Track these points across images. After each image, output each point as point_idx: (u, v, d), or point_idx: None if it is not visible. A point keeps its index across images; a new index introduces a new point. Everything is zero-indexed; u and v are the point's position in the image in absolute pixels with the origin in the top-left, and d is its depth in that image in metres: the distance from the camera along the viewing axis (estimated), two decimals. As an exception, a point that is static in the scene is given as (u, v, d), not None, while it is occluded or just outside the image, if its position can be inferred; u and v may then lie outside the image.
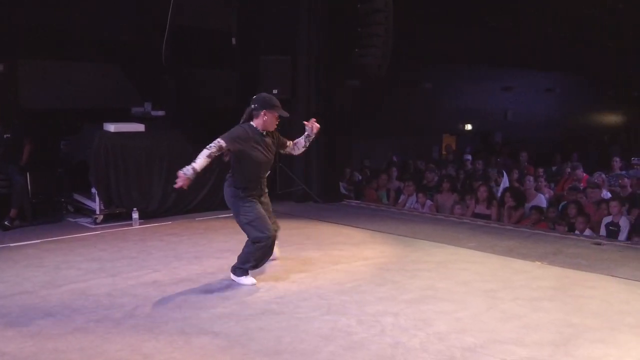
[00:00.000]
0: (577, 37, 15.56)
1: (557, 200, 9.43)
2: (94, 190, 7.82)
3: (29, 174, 7.94)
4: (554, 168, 13.08)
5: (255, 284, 5.20)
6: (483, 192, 9.10)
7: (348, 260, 5.98)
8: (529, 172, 11.27)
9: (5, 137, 7.56)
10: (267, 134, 5.18)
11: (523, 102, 17.79)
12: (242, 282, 5.23)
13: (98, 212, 7.80)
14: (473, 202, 9.26)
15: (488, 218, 8.73)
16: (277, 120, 5.20)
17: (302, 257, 6.13)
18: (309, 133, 5.39)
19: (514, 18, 13.80)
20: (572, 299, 4.81)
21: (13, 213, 7.50)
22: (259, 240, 5.11)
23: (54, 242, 6.82)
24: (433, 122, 15.43)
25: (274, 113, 5.12)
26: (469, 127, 16.47)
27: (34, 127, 8.39)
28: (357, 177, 11.38)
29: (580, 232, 7.81)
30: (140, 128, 8.17)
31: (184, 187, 4.80)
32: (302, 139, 5.46)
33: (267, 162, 5.22)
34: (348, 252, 6.35)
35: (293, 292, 5.01)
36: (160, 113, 8.93)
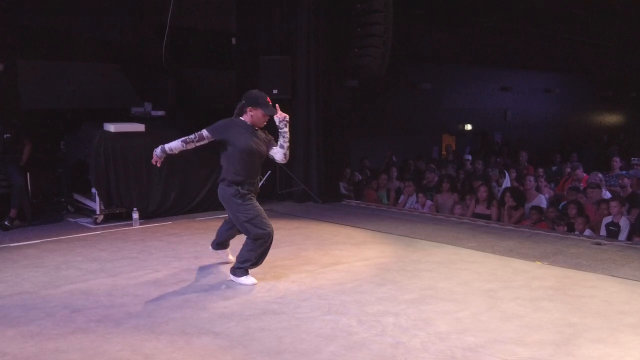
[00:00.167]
0: (576, 37, 15.60)
1: (557, 200, 9.43)
2: (94, 190, 7.81)
3: (29, 174, 7.93)
4: (554, 168, 13.09)
5: (256, 284, 5.19)
6: (483, 192, 9.11)
7: (348, 260, 5.98)
8: (529, 172, 11.28)
9: (6, 137, 7.54)
10: (258, 129, 5.13)
11: (522, 102, 17.83)
12: (242, 282, 5.21)
13: (98, 212, 7.79)
14: (473, 202, 9.26)
15: (488, 218, 8.74)
16: (265, 117, 5.10)
17: (302, 257, 6.13)
18: (279, 125, 5.12)
19: (513, 18, 13.81)
20: (572, 299, 4.81)
21: (13, 213, 7.49)
22: (261, 237, 5.09)
23: (54, 242, 6.81)
24: (432, 122, 15.44)
25: (259, 110, 5.05)
26: (469, 127, 16.48)
27: (34, 127, 8.40)
28: (357, 177, 11.37)
29: (580, 232, 7.81)
30: (141, 128, 8.16)
31: (157, 164, 5.25)
32: (279, 139, 5.21)
33: (257, 152, 5.07)
34: (348, 252, 6.35)
35: (293, 292, 5.01)
36: (160, 113, 8.93)
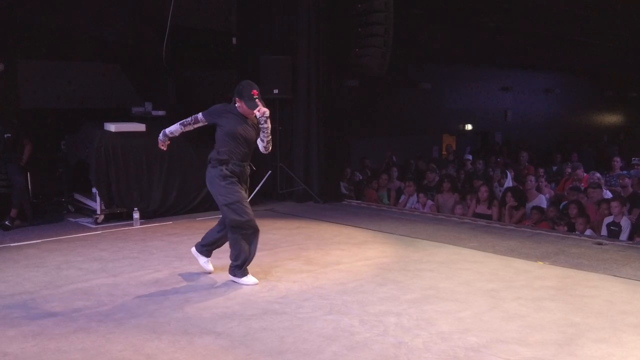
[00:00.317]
0: (577, 37, 15.59)
1: (557, 200, 9.43)
2: (95, 190, 7.80)
3: (30, 174, 7.91)
4: (555, 168, 13.09)
5: (257, 284, 5.16)
6: (484, 192, 9.11)
7: (349, 260, 5.97)
8: (529, 172, 11.28)
9: (6, 136, 7.53)
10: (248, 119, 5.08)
11: (522, 102, 17.83)
12: (243, 282, 5.16)
13: (99, 212, 7.78)
14: (474, 202, 9.26)
15: (489, 218, 8.73)
16: (250, 112, 4.99)
17: (303, 256, 6.12)
18: (259, 120, 5.01)
19: (514, 18, 13.81)
20: (574, 299, 4.81)
21: (13, 213, 7.48)
22: (238, 225, 4.95)
23: (55, 242, 6.81)
24: (433, 122, 15.44)
25: (243, 105, 4.97)
26: (469, 127, 16.47)
27: (34, 126, 8.40)
28: (357, 176, 11.37)
29: (581, 232, 7.81)
30: (141, 128, 8.15)
31: (164, 148, 5.36)
32: (260, 133, 5.13)
33: (243, 136, 4.99)
34: (349, 252, 6.34)
35: (295, 291, 5.00)
36: (161, 113, 8.91)
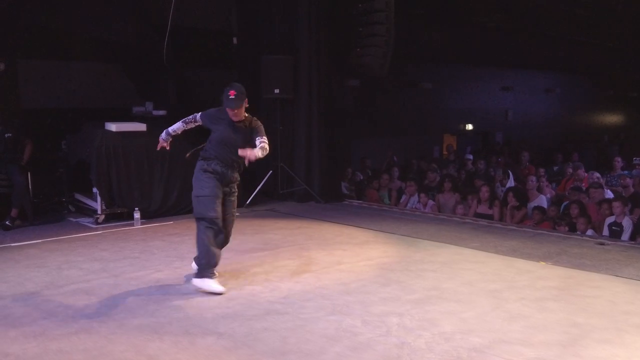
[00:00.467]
0: (577, 37, 15.58)
1: (558, 201, 9.42)
2: (96, 190, 7.78)
3: (30, 174, 7.89)
4: (556, 168, 13.07)
5: (223, 293, 4.80)
6: (485, 192, 9.09)
7: (351, 260, 5.95)
8: (530, 172, 11.26)
9: (7, 136, 7.51)
10: (239, 121, 5.02)
11: (523, 102, 17.79)
12: (206, 286, 4.81)
13: (99, 211, 7.76)
14: (475, 202, 9.24)
15: (490, 218, 8.71)
16: (232, 113, 4.93)
17: (305, 257, 6.11)
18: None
19: (514, 18, 13.79)
20: (577, 299, 4.79)
21: (14, 213, 7.47)
22: (202, 217, 4.86)
23: (56, 242, 6.79)
24: (433, 121, 15.42)
25: (225, 106, 4.96)
26: (470, 127, 16.46)
27: (35, 126, 8.37)
28: (358, 176, 11.35)
29: (582, 232, 7.79)
30: (142, 127, 8.13)
31: (166, 148, 5.42)
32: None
33: (234, 141, 4.96)
34: (351, 252, 6.32)
35: (297, 292, 4.99)
36: (162, 113, 8.89)
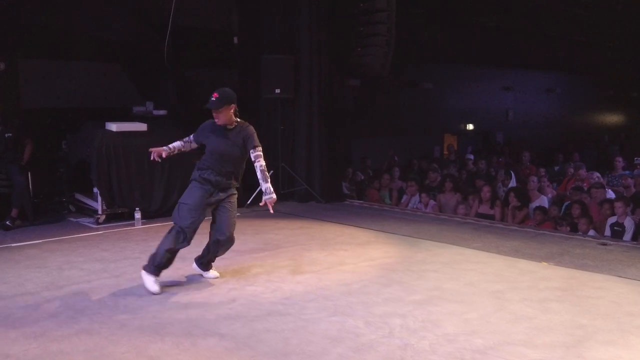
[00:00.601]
0: (577, 37, 15.57)
1: (560, 201, 9.39)
2: (96, 190, 7.75)
3: (30, 174, 7.86)
4: (557, 168, 13.05)
5: (158, 293, 4.84)
6: (487, 192, 9.07)
7: (353, 261, 5.93)
8: (531, 172, 11.24)
9: (7, 136, 7.49)
10: (229, 129, 5.06)
11: (524, 102, 17.78)
12: (145, 280, 4.92)
13: (100, 211, 7.73)
14: (476, 202, 9.22)
15: (492, 218, 8.69)
16: (217, 116, 5.02)
17: (306, 257, 6.09)
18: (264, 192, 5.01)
19: (515, 18, 13.78)
20: (580, 300, 4.77)
21: (14, 213, 7.44)
22: (174, 224, 4.95)
23: (56, 242, 6.76)
24: (434, 121, 15.40)
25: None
26: (471, 126, 16.44)
27: (35, 126, 8.35)
28: (359, 176, 11.33)
29: (584, 232, 7.77)
30: (143, 127, 8.10)
31: (156, 158, 5.17)
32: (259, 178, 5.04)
33: (226, 152, 5.01)
34: (352, 252, 6.30)
35: (299, 292, 4.96)
36: (162, 112, 8.87)
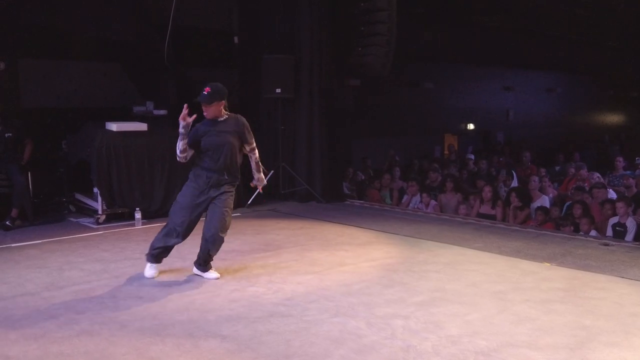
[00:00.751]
0: (577, 37, 15.56)
1: (560, 201, 9.37)
2: (96, 190, 7.72)
3: (30, 174, 7.84)
4: (557, 168, 13.03)
5: (152, 277, 5.29)
6: (488, 192, 9.04)
7: (354, 261, 5.91)
8: (532, 172, 11.22)
9: (7, 136, 7.46)
10: (220, 120, 5.16)
11: (524, 101, 17.77)
12: (146, 269, 5.35)
13: (100, 212, 7.70)
14: (478, 202, 9.19)
15: (493, 218, 8.67)
16: (206, 110, 5.13)
17: (307, 257, 6.06)
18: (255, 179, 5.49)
19: (515, 18, 13.77)
20: (583, 301, 4.75)
21: (14, 213, 7.41)
22: (171, 219, 5.27)
23: (56, 242, 6.73)
24: (435, 121, 15.38)
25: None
26: (471, 126, 16.42)
27: (35, 126, 8.32)
28: (359, 176, 11.30)
29: (585, 232, 7.75)
30: (143, 127, 8.07)
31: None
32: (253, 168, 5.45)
33: (220, 143, 5.12)
34: (353, 252, 6.28)
35: (300, 293, 4.94)
36: (163, 112, 8.85)
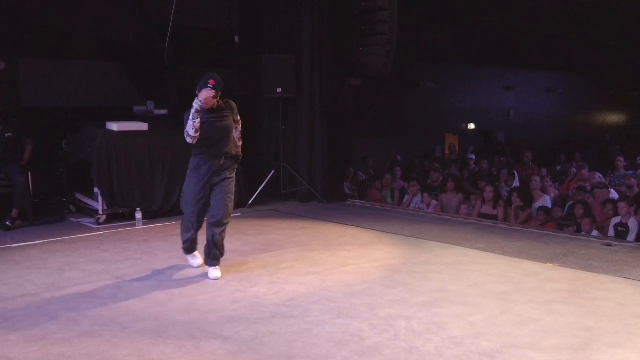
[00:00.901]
0: (578, 36, 15.54)
1: (562, 201, 9.34)
2: (97, 190, 7.69)
3: (31, 174, 7.81)
4: (558, 168, 13.00)
5: (199, 266, 5.62)
6: (489, 192, 9.02)
7: (356, 262, 5.88)
8: (534, 171, 11.19)
9: (7, 136, 7.44)
10: (214, 109, 5.27)
11: (525, 101, 17.74)
12: (190, 261, 5.73)
13: (101, 212, 7.67)
14: (479, 202, 9.17)
15: (494, 218, 8.64)
16: (210, 97, 5.18)
17: (309, 258, 6.04)
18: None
19: (516, 17, 13.75)
20: (586, 302, 4.73)
21: (14, 213, 7.39)
22: (183, 212, 5.58)
23: (57, 242, 6.71)
24: (435, 121, 15.35)
25: (199, 92, 5.20)
26: (472, 126, 16.39)
27: (35, 126, 8.29)
28: (360, 176, 11.27)
29: (587, 232, 7.73)
30: (144, 127, 8.05)
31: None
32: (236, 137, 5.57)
33: (218, 130, 5.28)
34: (355, 253, 6.25)
35: (302, 294, 4.92)
36: (163, 112, 8.82)
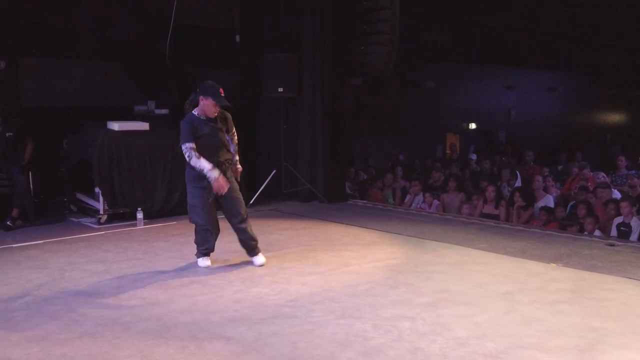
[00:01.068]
0: (579, 36, 15.52)
1: (564, 200, 9.32)
2: (98, 190, 7.67)
3: (31, 173, 7.79)
4: (560, 167, 12.98)
5: (208, 266, 5.63)
6: (491, 192, 8.99)
7: (359, 262, 5.85)
8: (535, 171, 11.17)
9: (7, 135, 7.42)
10: (213, 119, 5.40)
11: (526, 101, 17.72)
12: (198, 263, 5.69)
13: (102, 212, 7.65)
14: (481, 202, 9.14)
15: (496, 218, 8.61)
16: (215, 107, 5.35)
17: (311, 258, 6.01)
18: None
19: (517, 17, 13.73)
20: (591, 302, 4.69)
21: (15, 213, 7.37)
22: (196, 224, 5.60)
23: (57, 242, 6.69)
24: (436, 121, 15.33)
25: (209, 100, 5.31)
26: (473, 126, 16.37)
27: (36, 125, 8.27)
28: (362, 176, 11.25)
29: (589, 232, 7.70)
30: (145, 127, 8.03)
31: (225, 189, 5.35)
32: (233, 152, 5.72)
33: (218, 141, 5.43)
34: (358, 253, 6.22)
35: (305, 294, 4.89)
36: (164, 111, 8.80)
